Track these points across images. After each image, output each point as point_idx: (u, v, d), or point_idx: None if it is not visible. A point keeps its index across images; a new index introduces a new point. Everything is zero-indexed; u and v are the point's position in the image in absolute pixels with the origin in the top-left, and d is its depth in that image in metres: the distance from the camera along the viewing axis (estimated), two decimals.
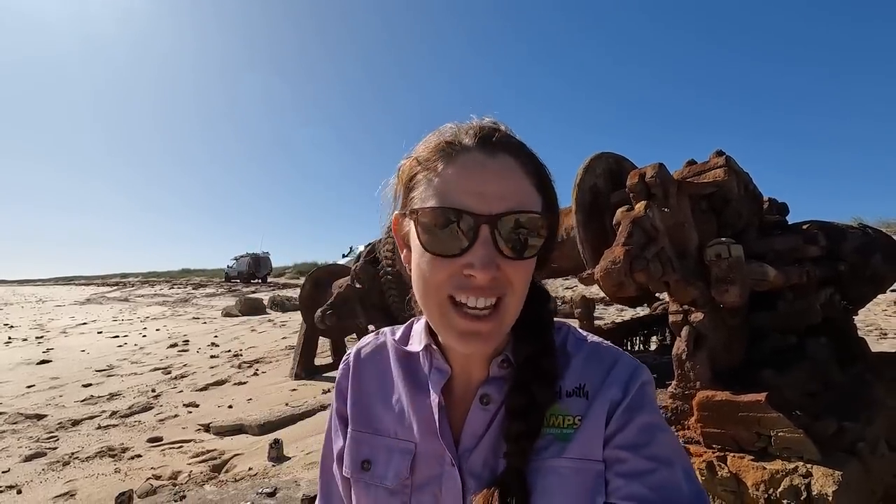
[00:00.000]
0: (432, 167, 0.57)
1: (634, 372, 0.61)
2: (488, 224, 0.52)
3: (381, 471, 0.63)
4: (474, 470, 0.59)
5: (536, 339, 0.62)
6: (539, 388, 0.59)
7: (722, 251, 1.67)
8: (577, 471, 0.55)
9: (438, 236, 0.54)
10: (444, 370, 0.64)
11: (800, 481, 1.41)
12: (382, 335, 0.74)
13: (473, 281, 0.53)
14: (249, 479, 2.88)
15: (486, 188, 0.53)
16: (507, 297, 0.55)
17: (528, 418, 0.57)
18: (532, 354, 0.61)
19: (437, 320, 0.57)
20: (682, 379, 1.76)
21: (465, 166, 0.55)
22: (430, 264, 0.55)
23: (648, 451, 0.55)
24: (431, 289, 0.55)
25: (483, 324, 0.55)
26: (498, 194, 0.53)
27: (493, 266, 0.52)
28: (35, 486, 3.01)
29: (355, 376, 0.71)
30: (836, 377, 1.90)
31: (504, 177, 0.55)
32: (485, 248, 0.52)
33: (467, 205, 0.53)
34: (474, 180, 0.54)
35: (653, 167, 1.82)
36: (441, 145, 0.57)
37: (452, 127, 0.60)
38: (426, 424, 0.62)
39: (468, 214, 0.52)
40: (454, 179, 0.54)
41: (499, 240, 0.53)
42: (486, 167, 0.55)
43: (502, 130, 0.59)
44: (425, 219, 0.54)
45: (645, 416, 0.57)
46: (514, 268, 0.54)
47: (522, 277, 0.56)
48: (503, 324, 0.56)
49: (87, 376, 6.15)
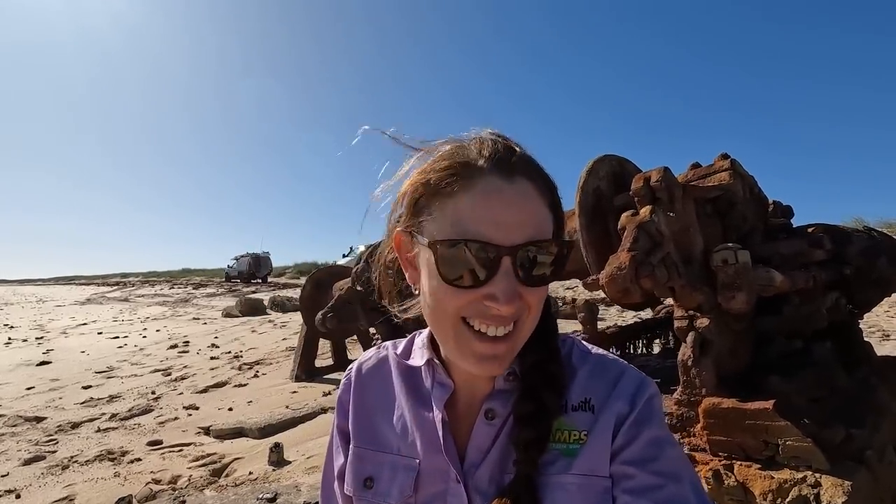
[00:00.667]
0: (445, 191, 0.54)
1: (641, 385, 0.60)
2: (509, 255, 0.51)
3: (384, 488, 0.61)
4: (480, 486, 0.58)
5: (542, 346, 0.62)
6: (547, 393, 0.58)
7: (728, 257, 1.65)
8: (584, 487, 0.55)
9: (457, 268, 0.52)
10: (446, 385, 0.63)
11: (808, 491, 1.39)
12: (384, 349, 0.73)
13: (493, 311, 0.52)
14: (250, 483, 2.87)
15: (505, 217, 0.52)
16: (524, 320, 0.55)
17: (537, 425, 0.57)
18: (538, 361, 0.60)
19: (451, 344, 0.57)
20: (687, 385, 1.74)
21: (482, 193, 0.53)
22: (448, 293, 0.54)
23: (656, 466, 0.54)
24: (447, 315, 0.55)
25: (500, 345, 0.54)
26: (518, 223, 0.52)
27: (516, 297, 0.52)
28: (34, 490, 3.00)
29: (357, 391, 0.70)
30: (842, 382, 1.89)
31: (522, 204, 0.54)
32: (507, 280, 0.51)
33: (487, 235, 0.51)
34: (493, 209, 0.52)
35: (658, 171, 1.80)
36: (454, 166, 0.55)
37: (460, 142, 0.58)
38: (430, 440, 0.61)
39: (489, 245, 0.51)
40: (471, 207, 0.52)
41: (520, 270, 0.52)
42: (504, 193, 0.53)
43: (518, 151, 0.57)
44: (444, 249, 0.52)
45: (652, 430, 0.56)
46: (533, 295, 0.54)
47: (539, 301, 0.56)
48: (517, 344, 0.56)
49: (87, 378, 6.13)
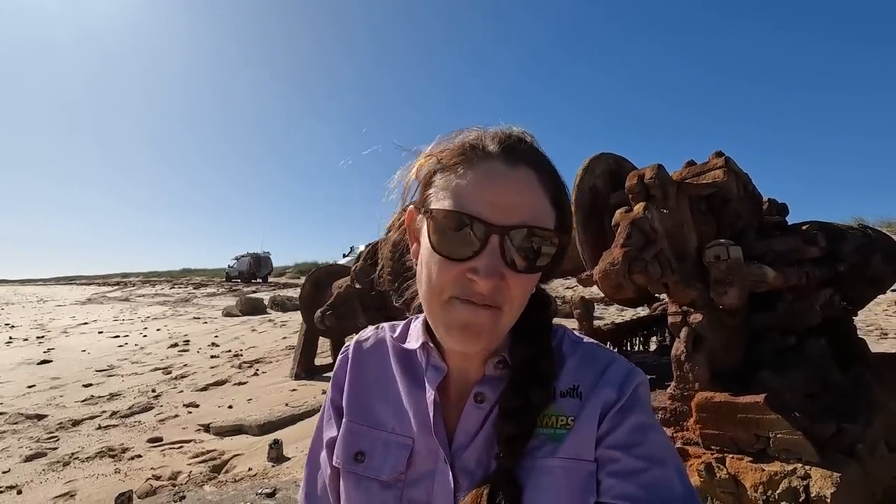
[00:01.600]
0: (452, 168, 0.57)
1: (629, 374, 0.61)
2: (499, 234, 0.53)
3: (376, 463, 0.63)
4: (467, 468, 0.60)
5: (535, 342, 0.63)
6: (535, 390, 0.59)
7: (721, 253, 1.67)
8: (569, 470, 0.56)
9: (449, 239, 0.54)
10: (440, 368, 0.64)
11: (798, 483, 1.41)
12: (382, 330, 0.75)
13: (475, 286, 0.53)
14: (249, 479, 2.89)
15: (502, 199, 0.54)
16: (505, 308, 0.56)
17: (521, 420, 0.58)
18: (530, 357, 0.61)
19: (437, 316, 0.58)
20: (681, 380, 1.76)
21: (485, 173, 0.55)
22: (438, 265, 0.55)
23: (641, 450, 0.55)
24: (436, 288, 0.56)
25: (481, 313, 0.55)
26: (513, 206, 0.54)
27: (496, 275, 0.53)
28: (35, 486, 3.02)
29: (354, 368, 0.72)
30: (836, 378, 1.90)
31: (522, 189, 0.55)
32: (491, 257, 0.53)
33: (481, 212, 0.53)
34: (492, 189, 0.54)
35: (652, 168, 1.82)
36: (465, 147, 0.58)
37: (478, 130, 0.61)
38: (422, 421, 0.63)
39: (480, 222, 0.53)
40: (472, 185, 0.55)
41: (507, 251, 0.53)
42: (506, 177, 0.55)
43: (528, 141, 0.60)
44: (438, 219, 0.55)
45: (638, 416, 0.58)
46: (517, 280, 0.55)
47: (523, 291, 0.57)
48: (498, 326, 0.57)
49: (88, 376, 6.15)
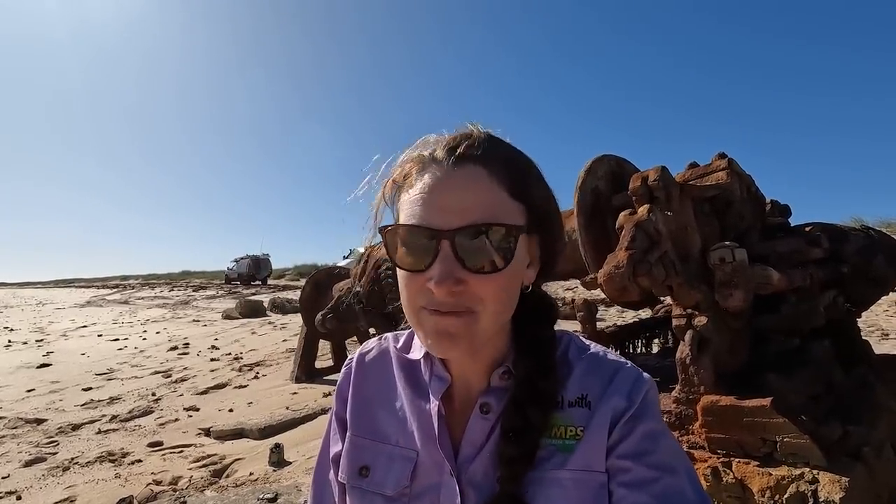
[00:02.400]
0: (407, 182, 0.57)
1: (637, 380, 0.60)
2: (448, 239, 0.51)
3: (380, 478, 0.62)
4: (474, 480, 0.58)
5: (537, 355, 0.61)
6: (534, 411, 0.57)
7: (726, 255, 1.66)
8: (580, 482, 0.55)
9: (406, 252, 0.54)
10: (444, 378, 0.63)
11: (806, 487, 1.39)
12: (385, 341, 0.73)
13: (433, 296, 0.53)
14: (250, 484, 2.87)
15: (446, 202, 0.53)
16: (480, 312, 0.54)
17: (522, 441, 0.56)
18: (530, 374, 0.60)
19: (415, 327, 0.57)
20: (685, 383, 1.75)
21: (430, 180, 0.55)
22: (404, 279, 0.55)
23: (652, 459, 0.54)
24: (408, 301, 0.56)
25: (450, 320, 0.53)
26: (459, 208, 0.52)
27: (449, 280, 0.51)
28: (35, 492, 3.00)
29: (357, 381, 0.70)
30: (840, 380, 1.89)
31: (468, 188, 0.53)
32: (443, 263, 0.51)
33: (428, 220, 0.52)
34: (436, 194, 0.53)
35: (655, 170, 1.81)
36: (415, 159, 0.57)
37: (433, 139, 0.59)
38: (426, 433, 0.62)
39: (427, 230, 0.52)
40: (420, 194, 0.54)
41: (461, 254, 0.52)
42: (450, 179, 0.54)
43: (473, 137, 0.57)
44: (393, 236, 0.55)
45: (648, 423, 0.56)
46: (482, 283, 0.53)
47: (494, 291, 0.54)
48: (474, 330, 0.54)
49: (88, 380, 6.14)
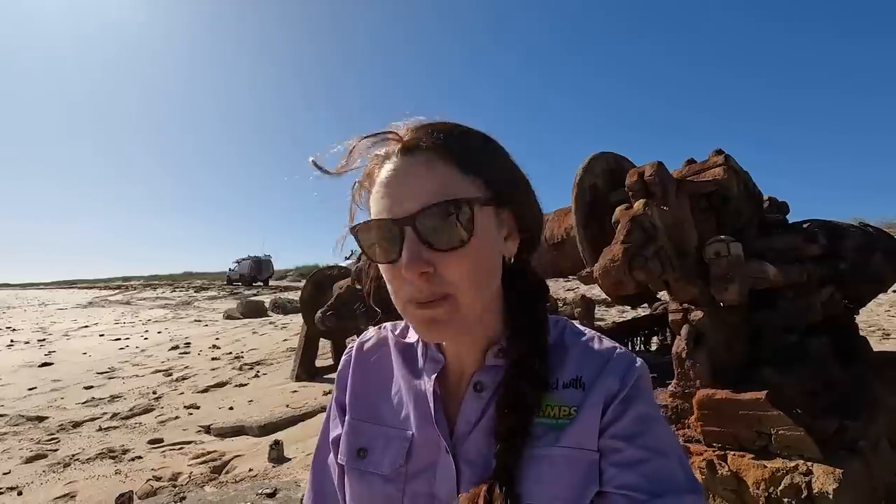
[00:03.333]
0: (370, 182, 0.59)
1: (631, 364, 0.61)
2: (409, 225, 0.53)
3: (377, 458, 0.63)
4: (468, 457, 0.60)
5: (530, 336, 0.62)
6: (528, 387, 0.59)
7: (721, 249, 1.67)
8: (570, 459, 0.56)
9: (377, 247, 0.56)
10: (437, 359, 0.65)
11: (800, 480, 1.40)
12: (384, 329, 0.75)
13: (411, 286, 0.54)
14: (250, 480, 2.88)
15: (400, 190, 0.54)
16: (456, 295, 0.54)
17: (517, 416, 0.57)
18: (524, 354, 0.61)
19: (405, 317, 0.59)
20: (682, 378, 1.76)
21: (384, 174, 0.56)
22: (386, 273, 0.57)
23: (643, 440, 0.55)
24: (395, 296, 0.57)
25: (434, 309, 0.54)
26: (413, 194, 0.54)
27: (416, 264, 0.52)
28: (35, 487, 3.02)
29: (356, 367, 0.72)
30: (837, 376, 1.90)
31: (420, 174, 0.55)
32: (409, 248, 0.52)
33: (387, 211, 0.54)
34: (391, 185, 0.55)
35: (652, 165, 1.82)
36: (374, 159, 0.59)
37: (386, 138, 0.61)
38: (422, 413, 0.63)
39: (387, 221, 0.54)
40: (378, 189, 0.56)
41: (424, 236, 0.53)
42: (402, 169, 0.56)
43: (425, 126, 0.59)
44: (360, 235, 0.57)
45: (640, 406, 0.58)
46: (453, 262, 0.53)
47: (465, 270, 0.54)
48: (458, 312, 0.55)
49: (89, 378, 6.16)
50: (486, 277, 0.58)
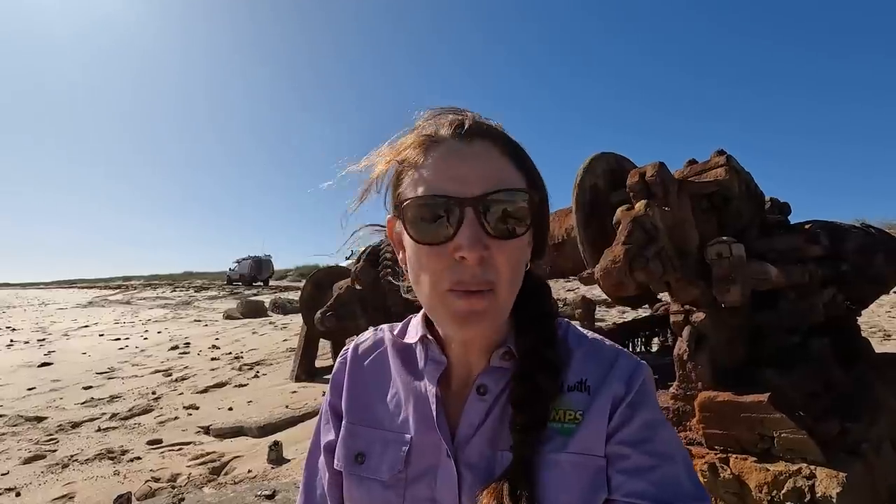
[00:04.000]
0: (413, 162, 0.57)
1: (637, 368, 0.61)
2: (472, 206, 0.52)
3: (375, 464, 0.62)
4: (470, 461, 0.59)
5: (538, 329, 0.62)
6: (544, 378, 0.58)
7: (723, 250, 1.66)
8: (579, 465, 0.55)
9: (426, 226, 0.54)
10: (440, 361, 0.64)
11: (803, 483, 1.39)
12: (381, 331, 0.74)
13: (465, 266, 0.53)
14: (248, 481, 2.87)
15: (465, 172, 0.54)
16: (498, 285, 0.55)
17: (533, 409, 0.57)
18: (535, 345, 0.61)
19: (439, 312, 0.57)
20: (683, 379, 1.75)
21: (443, 155, 0.56)
22: (426, 255, 0.55)
23: (650, 447, 0.55)
24: (432, 284, 0.55)
25: (476, 301, 0.54)
26: (477, 177, 0.54)
27: (479, 244, 0.52)
28: (34, 488, 3.01)
29: (352, 370, 0.71)
30: (839, 377, 1.89)
31: (482, 160, 0.55)
32: (470, 228, 0.52)
33: (449, 190, 0.53)
34: (453, 167, 0.55)
35: (653, 166, 1.81)
36: (419, 140, 0.58)
37: (429, 121, 0.61)
38: (422, 416, 0.62)
39: (451, 199, 0.53)
40: (432, 169, 0.55)
41: (485, 220, 0.53)
42: (464, 153, 0.56)
43: (477, 118, 0.60)
44: (411, 211, 0.55)
45: (647, 412, 0.57)
46: (502, 249, 0.54)
47: (511, 261, 0.55)
48: (498, 306, 0.56)
49: (88, 378, 6.15)
50: (520, 276, 0.58)
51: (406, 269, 0.61)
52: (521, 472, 0.54)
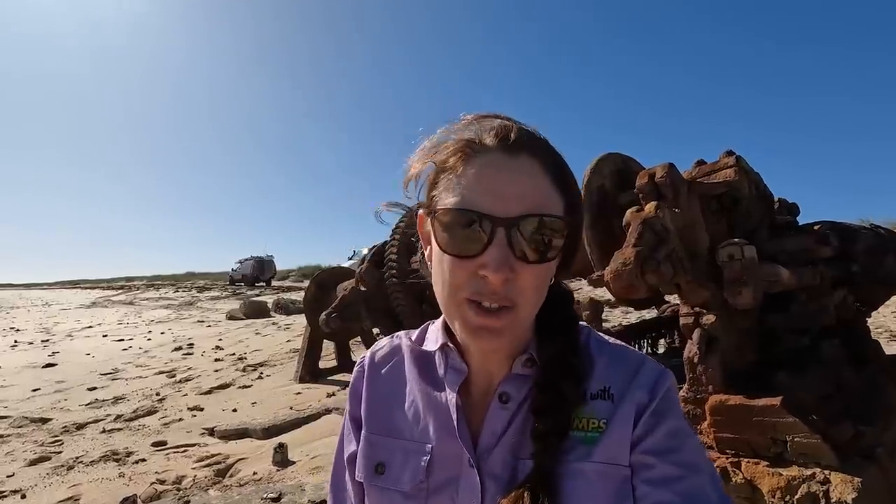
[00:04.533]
0: (453, 168, 0.56)
1: (661, 376, 0.60)
2: (504, 226, 0.51)
3: (395, 474, 0.61)
4: (493, 471, 0.58)
5: (561, 337, 0.61)
6: (567, 385, 0.57)
7: (735, 252, 1.64)
8: (604, 475, 0.54)
9: (456, 237, 0.53)
10: (460, 369, 0.63)
11: (817, 488, 1.37)
12: (398, 338, 0.73)
13: (487, 283, 0.52)
14: (254, 483, 2.86)
15: (504, 189, 0.53)
16: (519, 305, 0.54)
17: (555, 416, 0.56)
18: (558, 353, 0.60)
19: (453, 317, 0.57)
20: (693, 382, 1.73)
21: (484, 166, 0.54)
22: (450, 265, 0.54)
23: (676, 457, 0.54)
24: (451, 290, 0.55)
25: (493, 319, 0.53)
26: (516, 196, 0.53)
27: (505, 267, 0.51)
28: (39, 490, 3.00)
29: (370, 379, 0.70)
30: (851, 379, 1.87)
31: (524, 178, 0.54)
32: (499, 249, 0.51)
33: (485, 206, 0.52)
34: (493, 181, 0.53)
35: (663, 167, 1.79)
36: (462, 144, 0.57)
37: (473, 124, 0.59)
38: (443, 425, 0.61)
39: (485, 216, 0.52)
40: (474, 180, 0.54)
41: (515, 242, 0.52)
42: (506, 168, 0.54)
43: (524, 129, 0.58)
44: (444, 219, 0.54)
45: (672, 420, 0.56)
46: (528, 273, 0.53)
47: (536, 283, 0.55)
48: (515, 325, 0.55)
49: (93, 380, 6.16)
50: (543, 293, 0.58)
51: (429, 264, 0.61)
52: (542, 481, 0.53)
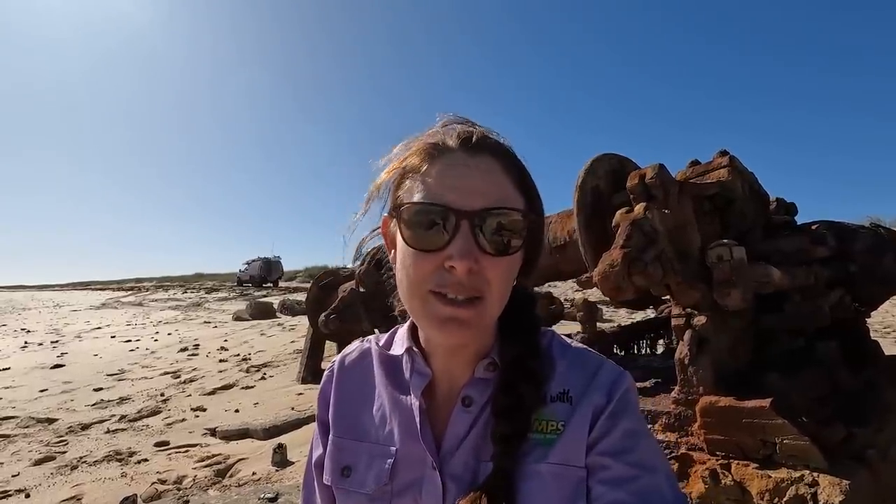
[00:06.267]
0: (416, 169, 0.58)
1: (618, 378, 0.61)
2: (468, 219, 0.53)
3: (361, 477, 0.62)
4: (455, 472, 0.59)
5: (523, 340, 0.62)
6: (527, 388, 0.58)
7: (723, 253, 1.63)
8: (559, 476, 0.55)
9: (421, 232, 0.55)
10: (424, 373, 0.64)
11: (805, 490, 1.36)
12: (368, 342, 0.74)
13: (453, 273, 0.53)
14: (252, 483, 2.89)
15: (467, 185, 0.55)
16: (486, 297, 0.55)
17: (515, 419, 0.57)
18: (519, 356, 0.61)
19: (419, 312, 0.58)
20: (684, 384, 1.72)
21: (448, 166, 0.56)
22: (414, 259, 0.55)
23: (631, 457, 0.54)
24: (415, 284, 0.56)
25: (463, 310, 0.54)
26: (479, 191, 0.55)
27: (470, 257, 0.52)
28: (43, 490, 3.05)
29: (338, 383, 0.71)
30: (846, 381, 1.85)
31: (485, 175, 0.56)
32: (464, 240, 0.53)
33: (449, 200, 0.54)
34: (456, 178, 0.55)
35: (653, 168, 1.79)
36: (426, 147, 0.59)
37: (437, 130, 0.62)
38: (407, 428, 0.62)
39: (449, 209, 0.53)
40: (436, 178, 0.56)
41: (479, 235, 0.53)
42: (468, 165, 0.56)
43: (486, 133, 0.61)
44: (408, 215, 0.56)
45: (628, 422, 0.57)
46: (493, 265, 0.54)
47: (501, 276, 0.56)
48: (483, 317, 0.56)
49: (99, 380, 6.24)
50: (508, 289, 0.59)
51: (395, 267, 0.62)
52: (500, 482, 0.54)
